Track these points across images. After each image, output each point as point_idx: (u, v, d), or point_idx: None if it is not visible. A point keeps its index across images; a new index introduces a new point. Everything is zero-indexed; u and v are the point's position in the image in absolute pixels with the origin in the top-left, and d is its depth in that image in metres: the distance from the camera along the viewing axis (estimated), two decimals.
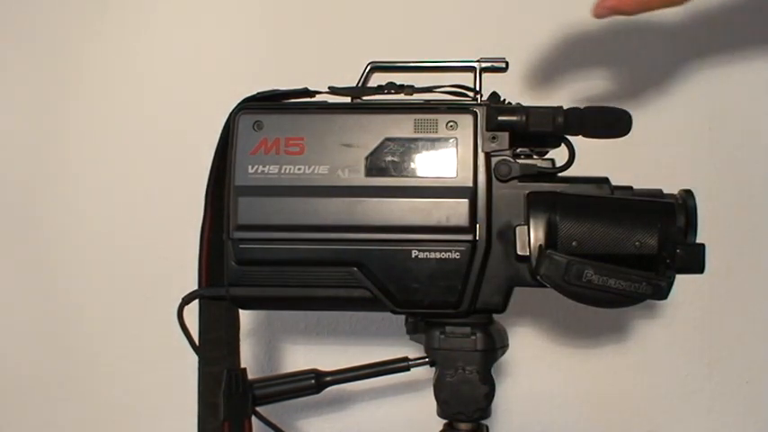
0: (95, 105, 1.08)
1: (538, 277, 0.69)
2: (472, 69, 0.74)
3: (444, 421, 0.75)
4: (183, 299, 0.76)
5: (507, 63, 0.75)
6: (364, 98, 0.74)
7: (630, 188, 0.74)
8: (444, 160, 0.70)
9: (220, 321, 0.76)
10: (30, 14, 1.08)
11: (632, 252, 0.69)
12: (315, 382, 0.78)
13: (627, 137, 0.74)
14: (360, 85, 0.75)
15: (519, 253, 0.70)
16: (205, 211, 0.76)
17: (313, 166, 0.71)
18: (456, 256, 0.70)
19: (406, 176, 0.70)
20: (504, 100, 0.77)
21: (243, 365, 0.77)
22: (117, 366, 1.09)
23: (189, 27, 1.08)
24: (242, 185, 0.72)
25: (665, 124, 1.03)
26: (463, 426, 0.75)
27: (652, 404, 1.05)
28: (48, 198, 1.09)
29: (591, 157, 0.77)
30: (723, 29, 1.03)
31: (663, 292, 0.67)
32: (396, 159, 0.71)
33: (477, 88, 0.74)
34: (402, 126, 0.71)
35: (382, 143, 0.71)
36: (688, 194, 0.73)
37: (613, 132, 0.71)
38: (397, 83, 0.75)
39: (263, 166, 0.72)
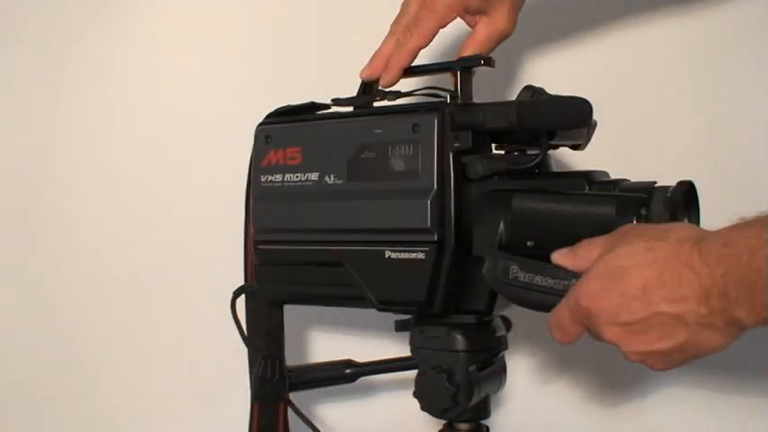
0: (100, 105, 1.12)
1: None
2: (451, 70, 0.74)
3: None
4: (233, 293, 0.87)
5: (483, 60, 0.73)
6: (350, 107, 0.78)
7: (613, 182, 0.67)
8: (408, 162, 0.71)
9: (262, 313, 0.85)
10: (43, 27, 1.11)
11: None
12: (349, 371, 0.84)
13: (628, 135, 0.69)
14: (359, 94, 0.80)
15: (474, 254, 0.69)
16: (246, 214, 0.85)
17: (307, 174, 0.77)
18: (421, 256, 0.71)
19: (378, 179, 0.73)
20: (540, 92, 0.74)
21: None
22: (117, 367, 1.12)
23: (200, 36, 1.12)
24: (258, 193, 0.80)
25: (666, 122, 0.94)
26: (462, 426, 0.76)
27: (652, 404, 1.02)
28: (49, 197, 1.13)
29: (595, 155, 0.73)
30: (723, 27, 0.97)
31: None
32: (369, 163, 0.73)
33: (459, 88, 0.73)
34: (373, 131, 0.73)
35: (358, 148, 0.74)
36: (678, 187, 0.65)
37: (571, 122, 0.66)
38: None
39: (272, 176, 0.79)
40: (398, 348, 0.86)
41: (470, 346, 0.72)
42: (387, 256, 0.73)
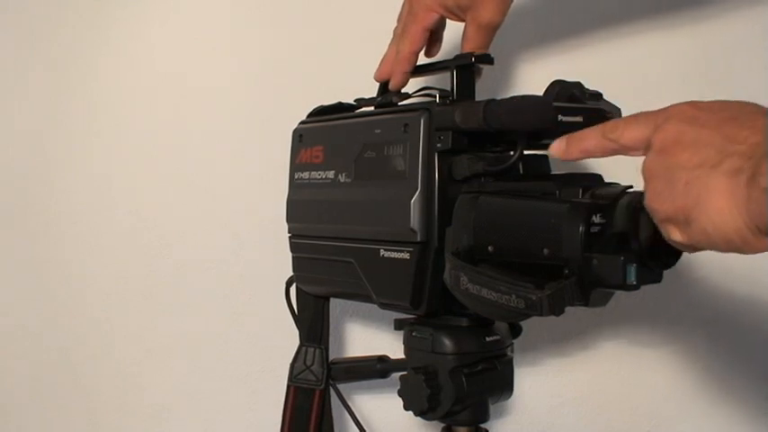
0: (103, 102, 1.06)
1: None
2: (447, 69, 0.73)
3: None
4: (286, 282, 0.91)
5: (475, 58, 0.71)
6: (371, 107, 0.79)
7: (587, 187, 0.62)
8: (399, 161, 0.71)
9: (304, 303, 0.89)
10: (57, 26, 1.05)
11: (542, 260, 0.60)
12: (380, 367, 0.85)
13: None
14: (378, 95, 0.81)
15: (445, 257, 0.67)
16: None
17: (326, 172, 0.80)
18: (405, 256, 0.70)
19: (376, 178, 0.74)
20: (570, 87, 0.71)
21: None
22: (120, 366, 1.08)
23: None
24: (291, 189, 0.85)
25: None
26: (461, 429, 0.75)
27: (652, 404, 1.04)
28: (52, 195, 1.06)
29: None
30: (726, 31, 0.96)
31: (537, 307, 0.58)
32: (370, 163, 0.74)
33: (455, 87, 0.72)
34: (374, 131, 0.74)
35: (362, 147, 0.75)
36: (633, 195, 0.59)
37: (531, 123, 0.63)
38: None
39: (302, 173, 0.83)
40: None
41: (456, 348, 0.71)
42: (381, 254, 0.73)
